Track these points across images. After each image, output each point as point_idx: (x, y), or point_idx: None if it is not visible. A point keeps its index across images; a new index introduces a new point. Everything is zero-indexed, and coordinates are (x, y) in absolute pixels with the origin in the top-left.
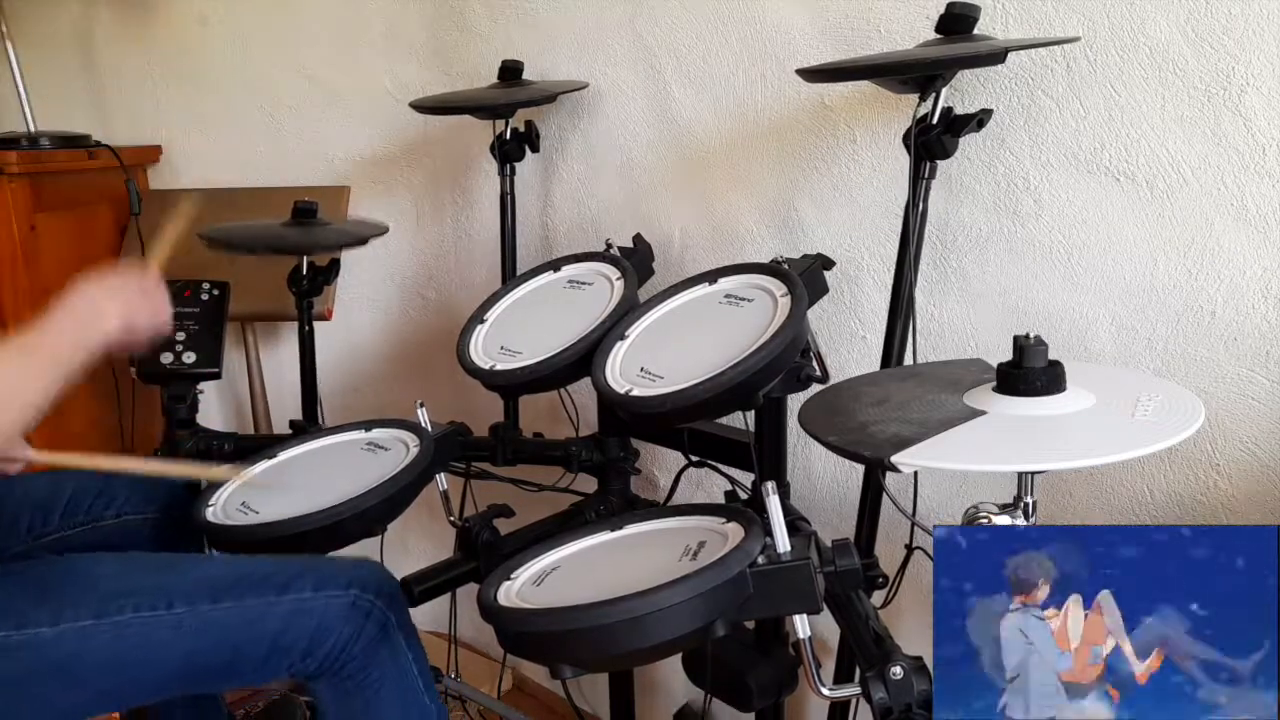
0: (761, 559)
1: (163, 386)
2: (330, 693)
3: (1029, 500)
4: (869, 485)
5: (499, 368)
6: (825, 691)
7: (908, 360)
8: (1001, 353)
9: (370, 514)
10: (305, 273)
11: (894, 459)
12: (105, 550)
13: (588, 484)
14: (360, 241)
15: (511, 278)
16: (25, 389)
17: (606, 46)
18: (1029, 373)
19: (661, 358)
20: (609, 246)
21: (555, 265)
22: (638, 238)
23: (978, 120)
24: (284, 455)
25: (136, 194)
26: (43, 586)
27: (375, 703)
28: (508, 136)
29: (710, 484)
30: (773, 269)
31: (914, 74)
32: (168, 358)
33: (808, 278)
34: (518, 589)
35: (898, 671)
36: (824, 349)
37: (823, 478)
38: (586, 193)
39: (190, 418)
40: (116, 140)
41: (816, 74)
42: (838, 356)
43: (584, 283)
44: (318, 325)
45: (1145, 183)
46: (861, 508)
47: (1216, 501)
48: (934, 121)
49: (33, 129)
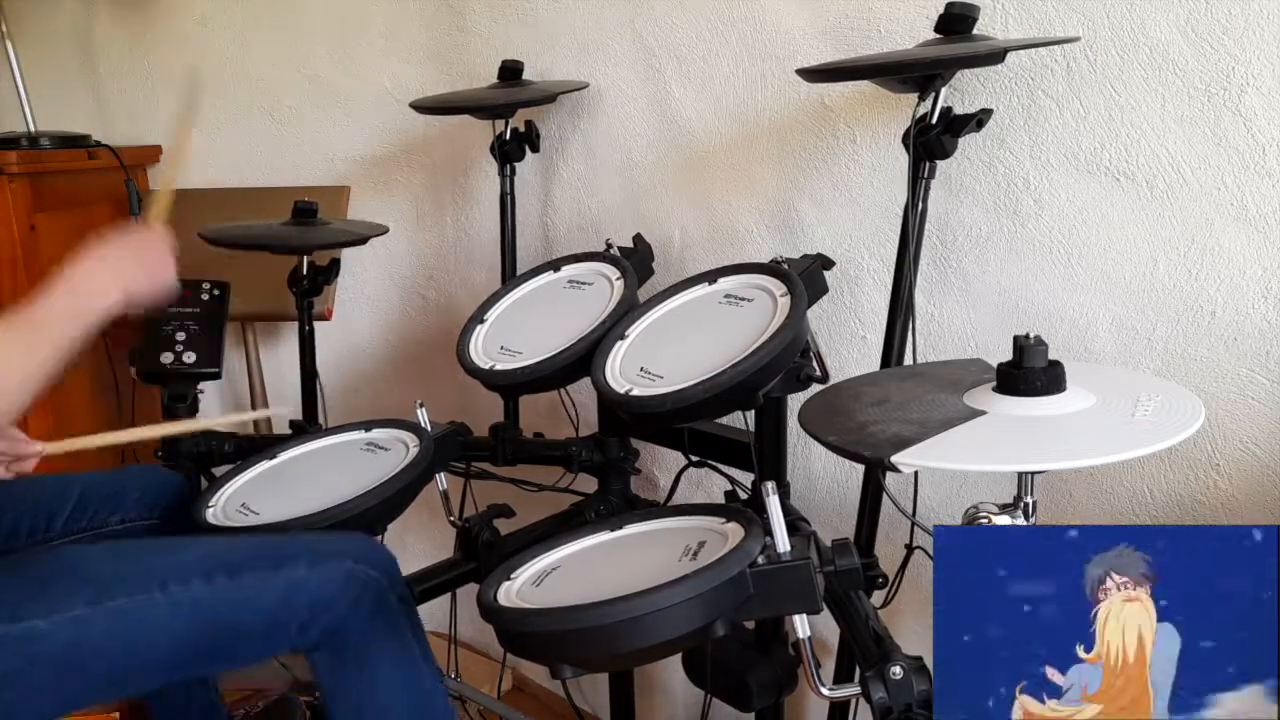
0: (761, 559)
1: (163, 386)
2: (329, 665)
3: (1029, 500)
4: (869, 485)
5: (499, 368)
6: (825, 691)
7: (908, 360)
8: (1001, 353)
9: (370, 514)
10: (305, 273)
11: (894, 459)
12: None
13: (588, 484)
14: (360, 241)
15: (511, 278)
16: (23, 365)
17: (606, 46)
18: (1029, 373)
19: (661, 358)
20: (609, 246)
21: (555, 265)
22: (638, 238)
23: (977, 120)
24: (284, 455)
25: (136, 194)
26: (34, 578)
27: (374, 674)
28: (508, 136)
29: (710, 484)
30: (772, 269)
31: (914, 74)
32: (168, 358)
33: (808, 278)
34: (518, 589)
35: (897, 671)
36: (824, 349)
37: (823, 478)
38: (586, 193)
39: (190, 418)
40: (116, 140)
41: (816, 74)
42: (838, 356)
43: (584, 283)
44: (318, 325)
45: (1145, 183)
46: (861, 508)
47: (1216, 501)
48: (933, 121)
49: (33, 129)
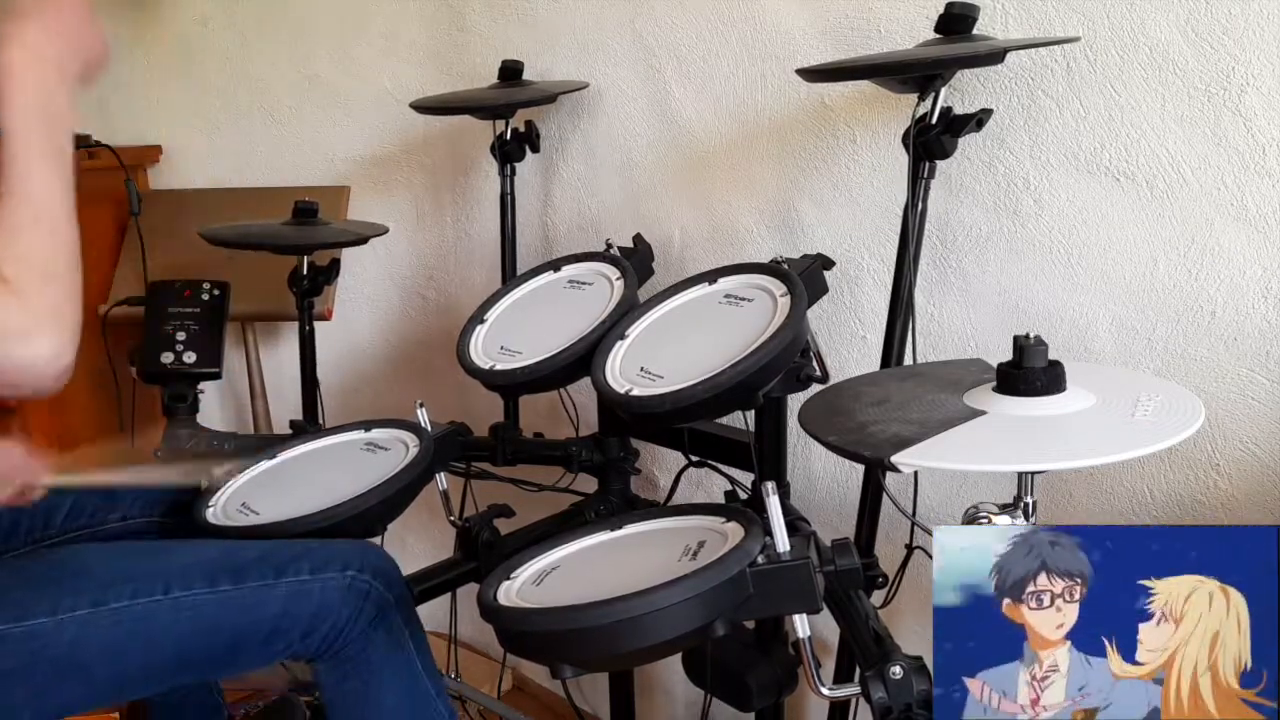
0: (761, 559)
1: (163, 386)
2: (331, 674)
3: (1029, 500)
4: (869, 485)
5: (499, 368)
6: (825, 691)
7: (908, 360)
8: (1001, 353)
9: (370, 514)
10: (305, 273)
11: (894, 459)
12: None
13: (588, 484)
14: (360, 241)
15: (511, 278)
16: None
17: (606, 46)
18: (1029, 373)
19: (661, 358)
20: (609, 246)
21: (555, 265)
22: (638, 238)
23: (977, 120)
24: (284, 455)
25: (136, 194)
26: (39, 578)
27: (375, 683)
28: (508, 136)
29: (710, 484)
30: (772, 269)
31: (913, 74)
32: (168, 358)
33: (808, 278)
34: (518, 589)
35: (897, 671)
36: (824, 349)
37: (823, 478)
38: (586, 193)
39: (190, 417)
40: (116, 140)
41: (816, 74)
42: (838, 356)
43: (584, 283)
44: (318, 325)
45: (1145, 183)
46: (861, 508)
47: (1216, 501)
48: (933, 121)
49: None
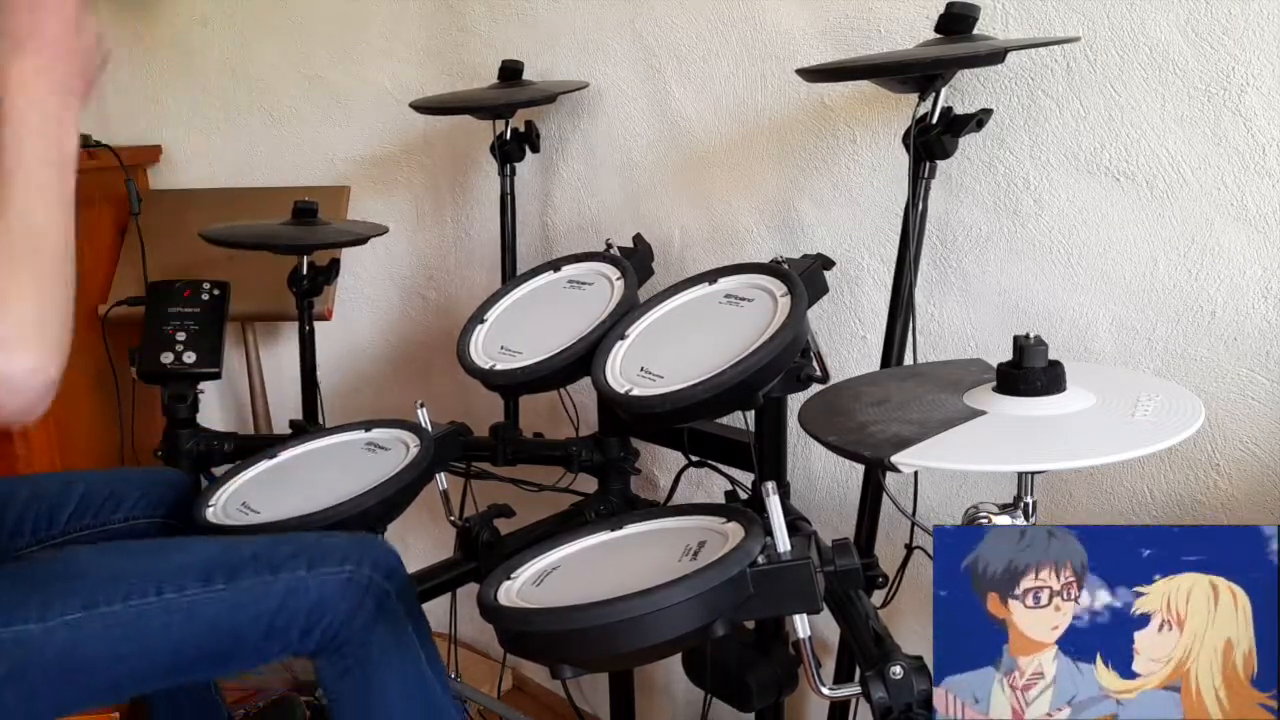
0: (761, 559)
1: (163, 386)
2: (332, 670)
3: (1029, 500)
4: (869, 485)
5: (499, 368)
6: (825, 691)
7: (908, 360)
8: (1001, 353)
9: (370, 514)
10: (305, 273)
11: (894, 459)
12: None
13: (588, 484)
14: (360, 241)
15: (511, 278)
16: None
17: (606, 46)
18: (1029, 373)
19: (661, 358)
20: (609, 246)
21: (555, 265)
22: (638, 238)
23: (977, 120)
24: (284, 455)
25: (136, 194)
26: (28, 582)
27: (379, 677)
28: (508, 136)
29: (710, 484)
30: (773, 269)
31: (914, 74)
32: (168, 358)
33: (808, 278)
34: (518, 589)
35: (897, 671)
36: (824, 349)
37: (823, 478)
38: (586, 193)
39: (190, 418)
40: (116, 140)
41: (816, 74)
42: (838, 356)
43: (584, 283)
44: (318, 325)
45: (1145, 183)
46: (861, 508)
47: (1216, 501)
48: (934, 121)
49: None
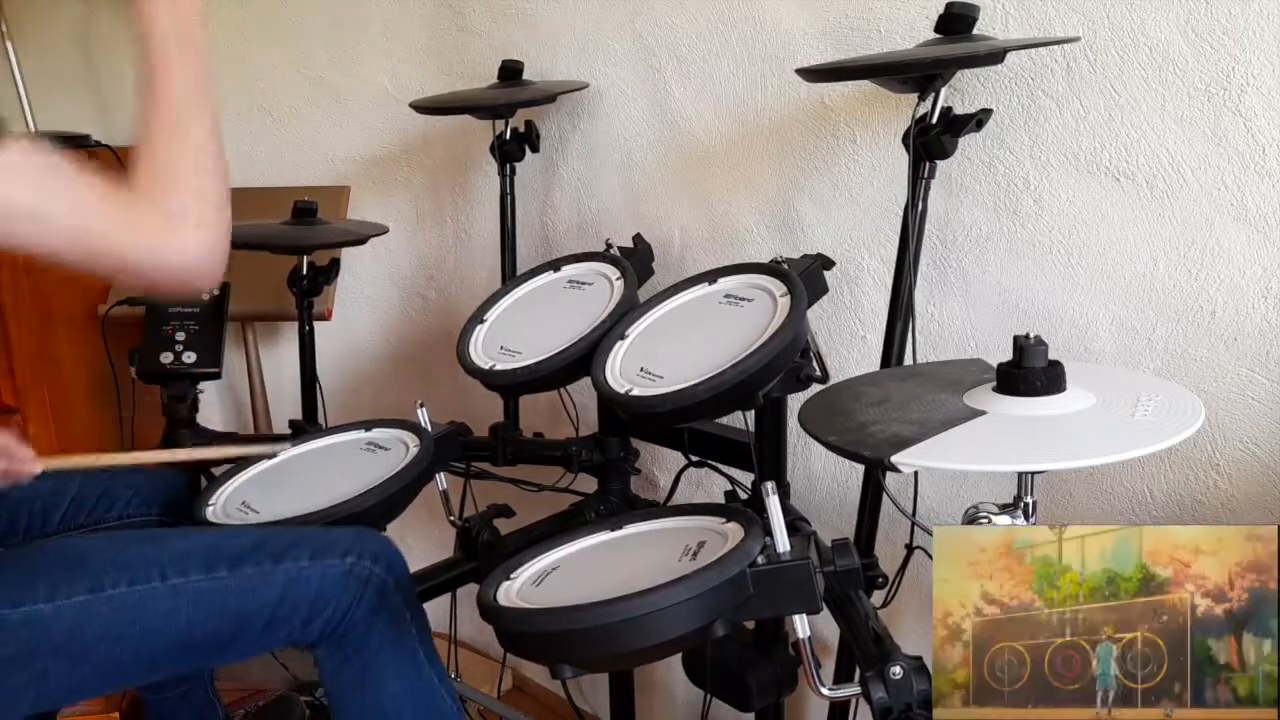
0: (761, 559)
1: (163, 386)
2: (331, 660)
3: (1029, 500)
4: (869, 485)
5: (499, 368)
6: (825, 691)
7: (908, 360)
8: (1001, 353)
9: (370, 514)
10: (305, 273)
11: (894, 459)
12: None
13: (588, 484)
14: (360, 241)
15: (511, 278)
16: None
17: (606, 46)
18: (1029, 373)
19: (661, 358)
20: (609, 246)
21: (555, 265)
22: (638, 238)
23: (977, 120)
24: (284, 455)
25: None
26: (34, 566)
27: (377, 668)
28: (508, 136)
29: (710, 484)
30: (773, 269)
31: (913, 74)
32: (168, 358)
33: (808, 278)
34: (518, 589)
35: (897, 671)
36: (824, 349)
37: (823, 478)
38: (586, 193)
39: (190, 417)
40: (116, 140)
41: (816, 74)
42: (838, 356)
43: (584, 283)
44: (318, 325)
45: (1145, 183)
46: (861, 508)
47: (1216, 501)
48: (933, 121)
49: (33, 129)
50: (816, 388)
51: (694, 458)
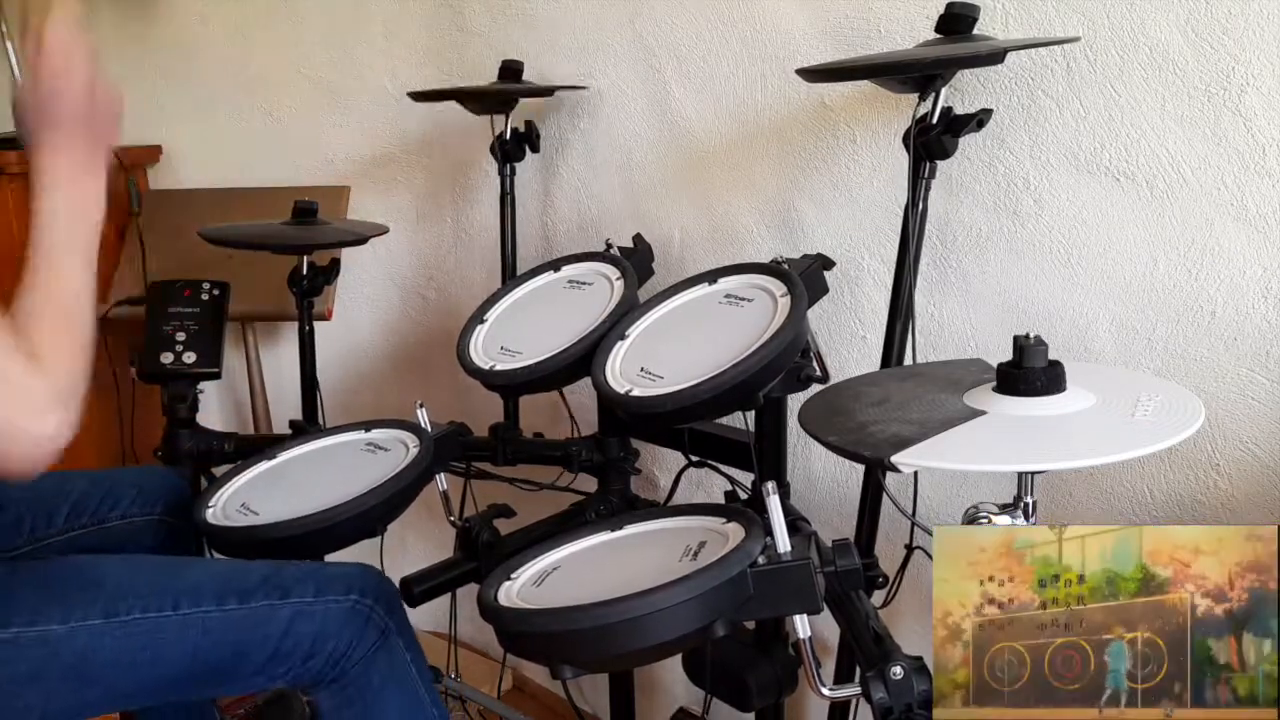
0: (761, 559)
1: (163, 386)
2: (331, 700)
3: (1029, 500)
4: (869, 485)
5: (499, 368)
6: (825, 691)
7: (908, 360)
8: (1001, 353)
9: (370, 514)
10: (305, 273)
11: (894, 459)
12: (108, 550)
13: (588, 484)
14: (360, 241)
15: (511, 278)
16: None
17: (606, 46)
18: (1029, 373)
19: (661, 358)
20: (609, 246)
21: (555, 265)
22: (638, 238)
23: (977, 120)
24: (284, 455)
25: (136, 194)
26: (51, 585)
27: (376, 709)
28: (507, 136)
29: (710, 484)
30: (773, 269)
31: (914, 74)
32: (168, 358)
33: (808, 278)
34: (518, 589)
35: (898, 671)
36: (824, 349)
37: (823, 478)
38: (586, 193)
39: (190, 417)
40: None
41: (816, 74)
42: (838, 356)
43: (584, 283)
44: (318, 325)
45: (1145, 183)
46: (861, 508)
47: (1216, 501)
48: (934, 121)
49: None
50: (816, 388)
51: (694, 458)
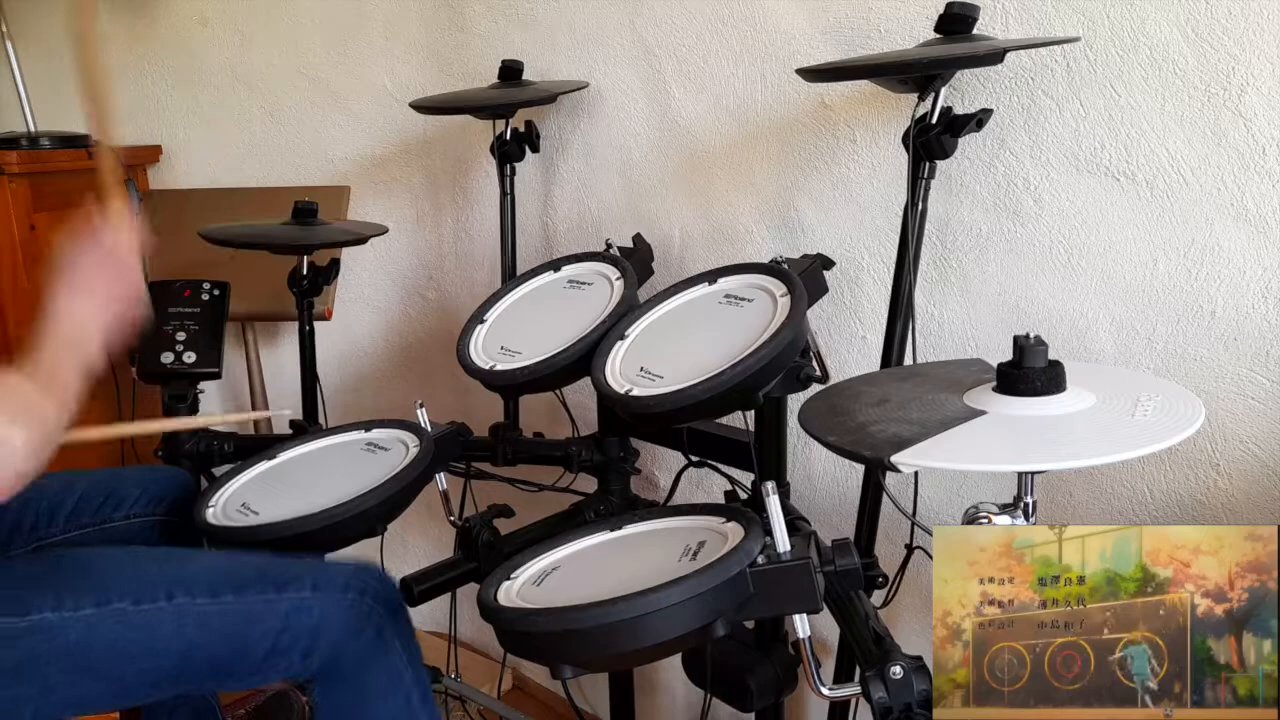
0: (761, 559)
1: (163, 386)
2: (327, 696)
3: (1029, 500)
4: (869, 485)
5: (499, 368)
6: (825, 691)
7: (908, 360)
8: (1001, 353)
9: (370, 514)
10: (305, 273)
11: (894, 459)
12: None
13: (588, 484)
14: (360, 241)
15: (511, 278)
16: (46, 416)
17: (606, 46)
18: (1029, 373)
19: (661, 358)
20: (609, 246)
21: (555, 265)
22: (638, 238)
23: (977, 120)
24: (284, 455)
25: (136, 194)
26: (45, 577)
27: (370, 706)
28: (508, 136)
29: (710, 484)
30: (773, 269)
31: (913, 74)
32: (168, 358)
33: (807, 278)
34: (518, 589)
35: (897, 671)
36: (824, 349)
37: (823, 478)
38: (586, 193)
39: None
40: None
41: (816, 74)
42: (838, 356)
43: (584, 283)
44: (318, 325)
45: (1145, 183)
46: (861, 508)
47: (1216, 501)
48: (933, 121)
49: (33, 129)
50: (816, 388)
51: (694, 458)
